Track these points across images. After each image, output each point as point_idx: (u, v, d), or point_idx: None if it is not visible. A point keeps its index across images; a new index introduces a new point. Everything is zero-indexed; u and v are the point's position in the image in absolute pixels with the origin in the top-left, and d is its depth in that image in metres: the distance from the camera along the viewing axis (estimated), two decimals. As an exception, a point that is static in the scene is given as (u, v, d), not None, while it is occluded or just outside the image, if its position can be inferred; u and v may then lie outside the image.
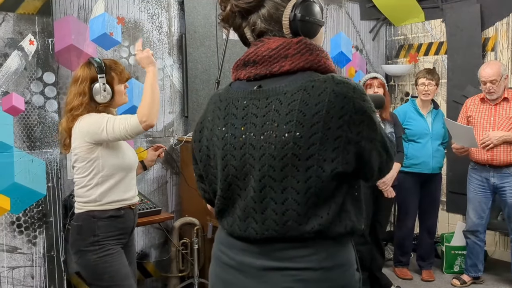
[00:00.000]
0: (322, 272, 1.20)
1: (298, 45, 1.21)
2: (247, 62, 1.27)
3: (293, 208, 1.18)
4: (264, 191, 1.20)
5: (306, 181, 1.16)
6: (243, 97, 1.26)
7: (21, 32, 2.83)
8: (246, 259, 1.26)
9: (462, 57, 4.57)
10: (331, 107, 1.14)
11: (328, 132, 1.14)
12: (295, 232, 1.19)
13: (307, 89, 1.17)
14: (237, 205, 1.28)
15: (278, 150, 1.17)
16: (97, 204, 2.36)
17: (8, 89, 2.81)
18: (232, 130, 1.26)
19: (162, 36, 3.76)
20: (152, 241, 3.79)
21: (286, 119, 1.17)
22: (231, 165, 1.26)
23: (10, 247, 2.86)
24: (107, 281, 2.35)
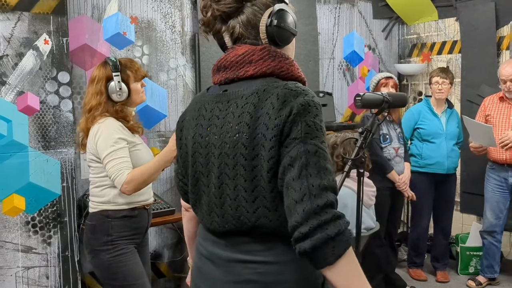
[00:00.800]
0: (279, 265, 1.26)
1: (262, 51, 1.28)
2: (220, 68, 1.34)
3: (243, 205, 1.25)
4: (222, 187, 1.28)
5: (252, 180, 1.22)
6: (212, 100, 1.35)
7: (36, 32, 2.83)
8: (215, 250, 1.34)
9: (477, 56, 4.52)
10: (270, 109, 1.20)
11: (267, 132, 1.19)
12: (248, 227, 1.25)
13: (259, 93, 1.24)
14: (203, 201, 1.36)
15: (231, 149, 1.25)
16: (111, 204, 2.34)
17: (23, 89, 2.81)
18: (200, 130, 1.35)
19: (175, 36, 3.75)
20: (165, 241, 3.78)
21: (238, 121, 1.25)
22: (198, 162, 1.35)
23: (25, 247, 2.85)
24: (121, 280, 2.34)
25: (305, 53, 4.46)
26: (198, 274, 1.41)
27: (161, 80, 3.68)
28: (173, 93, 3.78)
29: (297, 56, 4.47)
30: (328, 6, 4.70)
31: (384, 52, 5.16)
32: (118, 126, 2.33)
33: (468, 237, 4.20)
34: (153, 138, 3.68)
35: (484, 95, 4.34)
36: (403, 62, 5.19)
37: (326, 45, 4.71)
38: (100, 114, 2.32)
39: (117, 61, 2.36)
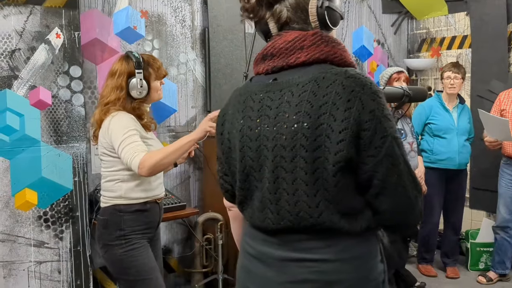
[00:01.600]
0: (339, 263, 1.20)
1: (314, 37, 1.23)
2: (265, 56, 1.28)
3: (303, 200, 1.18)
4: (277, 181, 1.22)
5: (314, 172, 1.16)
6: (260, 90, 1.28)
7: (48, 26, 2.81)
8: (266, 249, 1.28)
9: (487, 51, 4.49)
10: (337, 99, 1.14)
11: (334, 124, 1.14)
12: (308, 223, 1.19)
13: (318, 81, 1.18)
14: (254, 196, 1.29)
15: (288, 140, 1.18)
16: (122, 198, 2.33)
17: (36, 83, 2.79)
18: (248, 122, 1.28)
19: (185, 30, 3.73)
20: (175, 237, 3.77)
21: (296, 110, 1.18)
22: (248, 157, 1.28)
23: (37, 241, 2.85)
24: (133, 275, 2.33)
25: (314, 48, 4.42)
26: (247, 275, 1.34)
27: (171, 75, 3.67)
28: (183, 88, 3.76)
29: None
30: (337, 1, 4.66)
31: (393, 47, 5.13)
32: (130, 118, 2.32)
33: (478, 233, 4.18)
34: (163, 133, 3.67)
35: (495, 90, 4.32)
36: (412, 57, 5.16)
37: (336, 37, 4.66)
38: (116, 108, 2.31)
39: (140, 58, 2.34)
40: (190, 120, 3.81)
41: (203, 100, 3.86)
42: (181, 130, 3.75)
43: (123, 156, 2.22)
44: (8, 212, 2.76)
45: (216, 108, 3.83)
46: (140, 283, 2.31)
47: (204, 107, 3.87)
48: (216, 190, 3.65)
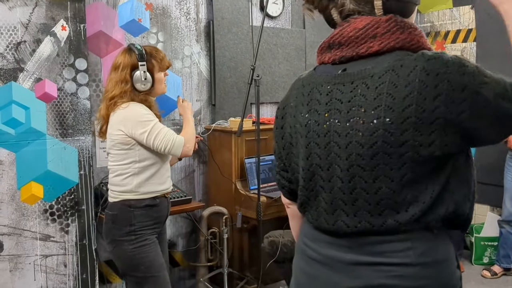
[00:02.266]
0: (420, 268, 1.10)
1: (388, 23, 1.12)
2: (332, 44, 1.18)
3: (388, 197, 1.09)
4: (354, 181, 1.12)
5: (400, 168, 1.07)
6: (327, 81, 1.19)
7: (54, 18, 2.78)
8: (334, 253, 1.18)
9: (492, 44, 4.46)
10: (422, 88, 1.04)
11: (423, 116, 1.04)
12: (392, 221, 1.10)
13: (396, 70, 1.07)
14: (321, 198, 1.20)
15: (366, 137, 1.09)
16: (133, 193, 2.32)
17: (41, 76, 2.77)
18: (315, 116, 1.19)
19: (190, 23, 3.71)
20: (180, 230, 3.76)
21: (374, 104, 1.08)
22: (315, 154, 1.19)
23: (43, 235, 2.84)
24: (143, 271, 2.32)
25: (318, 41, 4.36)
26: (310, 281, 1.25)
27: (176, 68, 3.64)
28: (187, 81, 3.74)
29: (310, 44, 4.43)
30: (342, -6, 4.64)
31: (397, 41, 5.10)
32: (143, 107, 2.32)
33: (482, 227, 4.18)
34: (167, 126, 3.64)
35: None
36: (416, 51, 5.14)
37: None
38: (125, 101, 2.29)
39: (142, 50, 2.32)
40: (195, 114, 3.79)
41: (208, 94, 3.84)
42: (186, 123, 3.73)
43: (157, 144, 2.26)
44: (14, 206, 2.75)
45: (220, 101, 3.81)
46: (148, 280, 2.30)
47: (209, 101, 3.85)
48: (221, 184, 3.67)
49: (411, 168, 1.07)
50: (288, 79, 4.21)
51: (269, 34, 4.04)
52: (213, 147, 3.70)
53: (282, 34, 4.16)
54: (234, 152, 3.55)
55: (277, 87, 4.16)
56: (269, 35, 4.04)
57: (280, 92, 4.18)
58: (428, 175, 1.08)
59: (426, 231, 1.11)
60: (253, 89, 3.07)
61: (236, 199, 3.55)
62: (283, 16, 4.21)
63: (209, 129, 3.68)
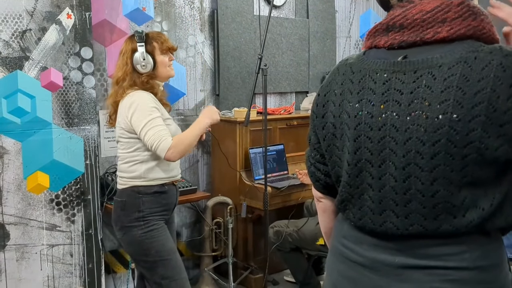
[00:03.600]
0: (477, 272, 1.04)
1: (460, 7, 1.03)
2: (392, 27, 1.08)
3: (446, 200, 1.02)
4: (409, 181, 1.04)
5: (462, 170, 1.00)
6: (383, 69, 1.08)
7: (59, 6, 2.76)
8: (380, 256, 1.11)
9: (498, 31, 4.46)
10: (497, 85, 0.96)
11: (493, 116, 0.96)
12: (448, 226, 1.03)
13: (468, 62, 0.99)
14: (367, 196, 1.12)
15: (429, 134, 1.00)
16: (141, 180, 2.31)
17: (47, 64, 2.75)
18: (368, 107, 1.09)
19: (194, 12, 3.68)
20: (184, 220, 3.76)
21: (441, 98, 0.99)
22: (365, 148, 1.10)
23: (49, 224, 2.83)
24: (153, 256, 2.32)
25: (322, 31, 4.39)
26: (351, 285, 1.17)
27: (180, 58, 3.62)
28: (191, 71, 3.72)
29: (314, 34, 4.40)
30: (346, -17, 4.62)
31: (399, 31, 5.09)
32: (150, 97, 2.31)
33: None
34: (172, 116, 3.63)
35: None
36: (419, 42, 5.13)
37: (343, 23, 4.64)
38: (129, 86, 2.29)
39: (142, 33, 2.36)
40: (199, 104, 3.78)
41: (212, 84, 3.83)
42: (190, 113, 3.72)
43: (146, 139, 2.22)
44: (20, 195, 2.74)
45: (224, 91, 3.80)
46: (159, 264, 2.30)
47: (213, 91, 3.83)
48: (225, 174, 3.66)
49: (472, 171, 1.00)
50: (291, 69, 4.20)
51: (273, 23, 4.02)
52: (217, 137, 3.69)
53: (285, 24, 4.14)
54: (238, 142, 3.55)
55: (280, 77, 4.14)
56: (272, 24, 4.01)
57: (283, 82, 4.16)
58: (489, 181, 1.02)
59: (482, 235, 1.05)
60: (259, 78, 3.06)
61: (240, 189, 3.55)
62: (287, 5, 4.18)
63: (213, 119, 3.66)
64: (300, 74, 4.27)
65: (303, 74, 4.29)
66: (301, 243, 3.23)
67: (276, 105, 4.18)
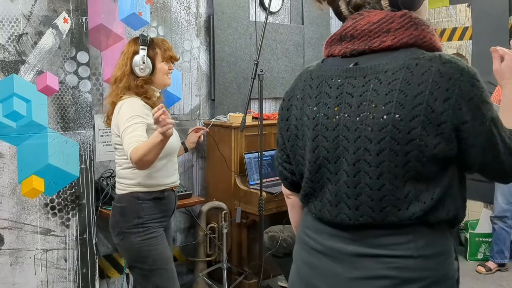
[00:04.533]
0: (421, 260, 1.14)
1: (402, 18, 1.13)
2: (344, 37, 1.19)
3: (391, 194, 1.12)
4: (359, 175, 1.14)
5: (404, 165, 1.10)
6: (338, 75, 1.19)
7: (56, 10, 2.76)
8: (336, 245, 1.21)
9: (488, 42, 4.49)
10: (435, 88, 1.06)
11: (431, 116, 1.07)
12: (394, 218, 1.13)
13: (410, 68, 1.09)
14: (326, 189, 1.22)
15: (375, 132, 1.10)
16: (141, 185, 2.31)
17: (43, 68, 2.74)
18: (324, 110, 1.19)
19: (190, 17, 3.69)
20: (178, 225, 3.75)
21: (385, 100, 1.10)
22: (322, 147, 1.20)
23: (44, 229, 2.81)
24: (150, 264, 2.31)
25: (317, 37, 4.42)
26: (312, 271, 1.27)
27: (176, 62, 3.60)
28: (187, 76, 3.72)
29: (308, 40, 4.45)
30: (340, -10, 4.65)
31: (393, 38, 5.13)
32: (140, 105, 2.30)
33: (477, 223, 4.23)
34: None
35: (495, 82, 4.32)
36: (412, 48, 5.17)
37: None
38: (123, 88, 2.30)
39: (147, 37, 2.36)
40: (194, 109, 3.78)
41: (207, 89, 3.83)
42: (185, 118, 3.73)
43: (123, 145, 2.18)
44: (15, 199, 2.72)
45: (220, 96, 3.81)
46: (156, 272, 2.29)
47: (208, 96, 3.84)
48: (219, 179, 3.66)
49: (414, 167, 1.10)
50: (286, 74, 4.21)
51: (268, 29, 4.03)
52: (212, 142, 3.69)
53: (281, 30, 4.16)
54: (233, 147, 3.55)
55: (275, 83, 4.16)
56: (268, 30, 4.03)
57: (278, 88, 4.18)
58: (430, 176, 1.11)
59: (426, 226, 1.15)
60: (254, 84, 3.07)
61: (235, 194, 3.55)
62: (282, 11, 4.21)
63: (208, 124, 3.67)
64: (295, 80, 4.28)
65: (298, 79, 4.31)
66: (295, 249, 3.23)
67: (271, 110, 4.19)
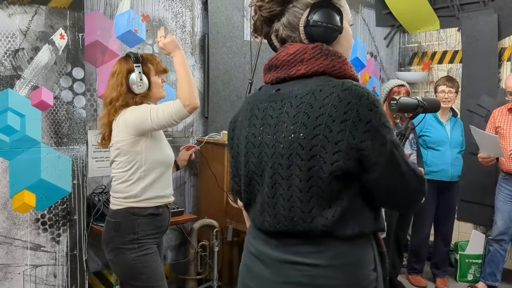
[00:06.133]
0: (330, 269, 1.24)
1: (313, 50, 1.28)
2: (271, 67, 1.36)
3: (297, 206, 1.24)
4: (275, 187, 1.28)
5: (308, 180, 1.21)
6: (265, 99, 1.36)
7: (53, 26, 2.78)
8: (265, 250, 1.34)
9: (478, 66, 4.59)
10: (333, 111, 1.19)
11: (330, 135, 1.18)
12: (301, 228, 1.24)
13: (315, 93, 1.23)
14: (257, 200, 1.36)
15: (285, 149, 1.25)
16: (137, 200, 2.31)
17: (38, 84, 2.75)
18: (253, 130, 1.36)
19: (185, 36, 3.73)
20: (169, 242, 3.74)
21: (293, 120, 1.24)
22: (251, 162, 1.35)
23: (34, 244, 2.79)
24: (143, 281, 2.30)
25: (310, 58, 4.46)
26: (247, 272, 1.41)
27: (171, 80, 3.65)
28: (181, 93, 3.74)
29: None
30: (334, 12, 4.73)
31: (385, 60, 5.21)
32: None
33: (467, 244, 4.24)
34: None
35: (484, 105, 4.42)
36: (404, 70, 5.25)
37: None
38: (121, 106, 2.32)
39: (138, 54, 2.39)
40: (187, 126, 3.80)
41: (201, 107, 3.85)
42: (178, 135, 3.74)
43: (160, 115, 2.25)
44: (6, 214, 2.70)
45: (213, 114, 3.83)
46: None
47: (202, 113, 3.86)
48: (211, 197, 3.66)
49: (316, 182, 1.21)
50: (279, 94, 4.25)
51: (262, 48, 4.04)
52: (205, 159, 3.70)
53: (275, 50, 4.21)
54: (226, 165, 3.56)
55: (268, 102, 4.19)
56: (262, 49, 4.04)
57: (271, 107, 4.21)
58: (333, 195, 1.22)
59: (335, 238, 1.25)
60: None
61: (227, 212, 3.55)
62: (276, 32, 4.26)
63: (202, 141, 3.68)
64: (288, 99, 4.32)
65: (291, 99, 4.35)
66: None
67: (263, 129, 4.21)
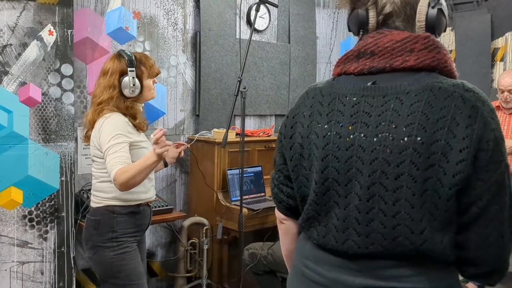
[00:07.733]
0: None
1: (427, 40, 1.09)
2: (363, 53, 1.13)
3: (405, 224, 1.04)
4: (373, 200, 1.07)
5: (422, 194, 1.03)
6: (353, 93, 1.13)
7: (41, 22, 2.77)
8: (341, 277, 1.12)
9: (471, 66, 4.59)
10: (457, 113, 1.02)
11: (453, 141, 1.01)
12: (405, 249, 1.06)
13: (434, 90, 1.05)
14: (333, 214, 1.14)
15: (395, 155, 1.04)
16: (117, 199, 2.30)
17: (26, 80, 2.74)
18: (337, 128, 1.13)
19: (177, 33, 3.72)
20: (159, 240, 3.73)
21: (407, 121, 1.04)
22: (332, 167, 1.12)
23: (21, 241, 2.79)
24: (122, 279, 2.29)
25: (303, 56, 4.47)
26: None
27: (161, 77, 3.64)
28: (172, 91, 3.74)
29: (294, 59, 4.48)
30: (327, 11, 4.73)
31: (379, 59, 5.20)
32: (123, 122, 2.28)
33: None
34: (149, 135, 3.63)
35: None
36: (397, 70, 5.24)
37: (323, 49, 4.73)
38: (110, 109, 2.27)
39: (132, 56, 2.31)
40: (178, 124, 3.79)
41: (192, 104, 3.85)
42: (169, 133, 3.73)
43: (106, 164, 2.17)
44: (-8, 211, 2.70)
45: (204, 112, 3.82)
46: (128, 287, 2.27)
47: (193, 111, 3.86)
48: (202, 195, 3.66)
49: (431, 197, 1.03)
50: (271, 92, 4.25)
51: (255, 47, 4.08)
52: (195, 157, 3.70)
53: (267, 48, 4.21)
54: (216, 163, 3.56)
55: (260, 100, 4.19)
56: (254, 48, 4.07)
57: (263, 105, 4.21)
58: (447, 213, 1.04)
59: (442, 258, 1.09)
60: (238, 101, 3.10)
61: (217, 210, 3.54)
62: (269, 30, 4.26)
63: (192, 139, 3.68)
64: (280, 98, 4.33)
65: (283, 97, 4.35)
66: (275, 266, 3.23)
67: (255, 127, 4.22)
